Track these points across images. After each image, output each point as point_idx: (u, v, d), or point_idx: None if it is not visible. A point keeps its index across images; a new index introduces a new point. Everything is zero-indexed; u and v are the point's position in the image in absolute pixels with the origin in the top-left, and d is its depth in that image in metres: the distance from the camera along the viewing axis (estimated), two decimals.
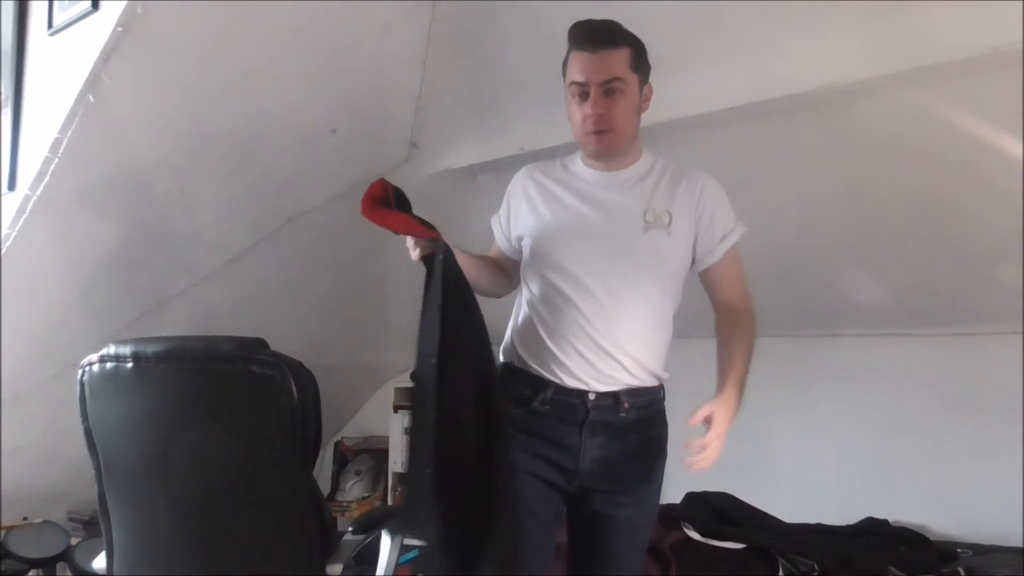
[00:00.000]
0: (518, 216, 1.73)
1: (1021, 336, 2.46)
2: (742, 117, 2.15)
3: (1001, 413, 2.51)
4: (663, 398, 1.72)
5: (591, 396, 1.62)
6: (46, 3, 2.34)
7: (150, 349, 1.59)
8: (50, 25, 2.31)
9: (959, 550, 2.40)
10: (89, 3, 2.10)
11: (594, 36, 1.60)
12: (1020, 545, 2.35)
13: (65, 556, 2.73)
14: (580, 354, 1.61)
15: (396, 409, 3.74)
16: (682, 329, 3.19)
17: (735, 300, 1.76)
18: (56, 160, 2.16)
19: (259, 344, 1.54)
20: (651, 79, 1.73)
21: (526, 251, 1.72)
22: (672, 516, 2.46)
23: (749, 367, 1.68)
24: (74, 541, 2.79)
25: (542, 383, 1.62)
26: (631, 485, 1.67)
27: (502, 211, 1.80)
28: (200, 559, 1.63)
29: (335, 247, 2.99)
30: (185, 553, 1.64)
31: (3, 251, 2.31)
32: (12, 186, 2.37)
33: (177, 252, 2.65)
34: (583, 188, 1.68)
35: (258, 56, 2.19)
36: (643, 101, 1.67)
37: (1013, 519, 2.39)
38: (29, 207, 2.25)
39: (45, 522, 2.83)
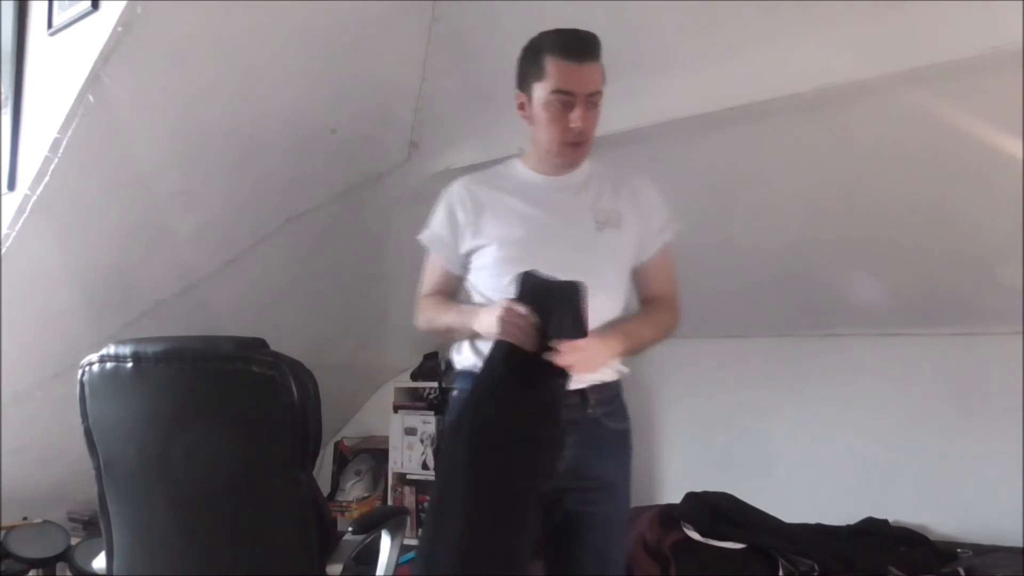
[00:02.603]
0: (475, 228, 1.68)
1: (1021, 336, 2.46)
2: (742, 117, 2.15)
3: (1001, 413, 2.51)
4: (623, 391, 1.72)
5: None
6: (46, 3, 2.34)
7: (150, 349, 1.59)
8: (50, 25, 2.31)
9: (959, 550, 2.40)
10: (89, 3, 2.10)
11: (582, 47, 1.61)
12: (1020, 545, 2.36)
13: (65, 556, 2.73)
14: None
15: (396, 409, 3.74)
16: (682, 329, 3.19)
17: (665, 296, 1.75)
18: (56, 160, 2.16)
19: (259, 344, 1.54)
20: (651, 79, 1.74)
21: (485, 260, 1.68)
22: (672, 516, 2.46)
23: (647, 342, 1.68)
24: (74, 541, 2.79)
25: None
26: (604, 481, 1.67)
27: (442, 228, 1.73)
28: (200, 559, 1.63)
29: (335, 247, 2.99)
30: (185, 553, 1.64)
31: (3, 251, 2.31)
32: (12, 186, 2.37)
33: (177, 252, 2.64)
34: (535, 194, 1.69)
35: (258, 56, 2.19)
36: None
37: (1013, 519, 2.39)
38: (29, 207, 2.25)
39: (45, 522, 2.82)
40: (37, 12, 2.42)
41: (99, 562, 1.80)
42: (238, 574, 1.58)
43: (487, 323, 1.55)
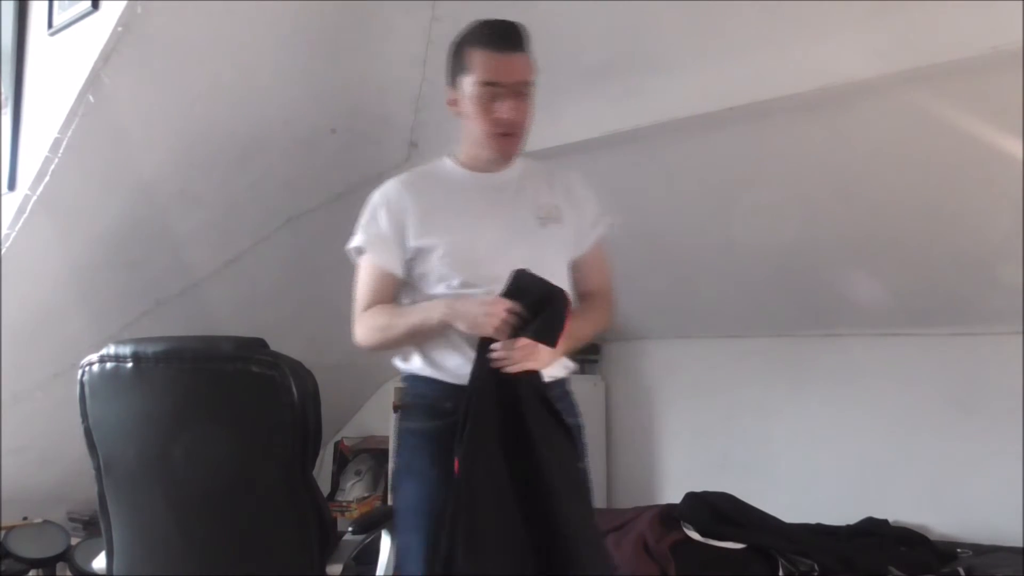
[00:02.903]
0: (419, 228, 1.62)
1: (1021, 336, 2.46)
2: (742, 117, 2.15)
3: (1001, 413, 2.51)
4: (570, 386, 1.72)
5: None
6: (46, 3, 2.34)
7: (150, 349, 1.59)
8: (50, 25, 2.32)
9: (959, 550, 2.40)
10: (89, 3, 2.11)
11: (508, 38, 1.58)
12: (1020, 545, 2.35)
13: (65, 556, 2.73)
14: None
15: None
16: (682, 329, 3.20)
17: (602, 290, 1.75)
18: (56, 160, 2.16)
19: (259, 344, 1.54)
20: (651, 79, 1.74)
21: (431, 262, 1.61)
22: (672, 516, 2.46)
23: (584, 340, 1.68)
24: (74, 541, 2.79)
25: (464, 391, 1.55)
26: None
27: (381, 231, 1.64)
28: (200, 559, 1.63)
29: (335, 247, 2.97)
30: (185, 553, 1.64)
31: (3, 251, 2.32)
32: (12, 186, 2.37)
33: (177, 252, 2.65)
34: (477, 192, 1.66)
35: (258, 56, 2.19)
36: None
37: (1013, 519, 2.39)
38: (29, 207, 2.25)
39: (45, 522, 2.83)
40: (37, 12, 2.42)
41: (99, 562, 1.80)
42: (238, 574, 1.58)
43: (471, 316, 1.49)
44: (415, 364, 1.64)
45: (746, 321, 3.01)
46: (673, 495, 2.71)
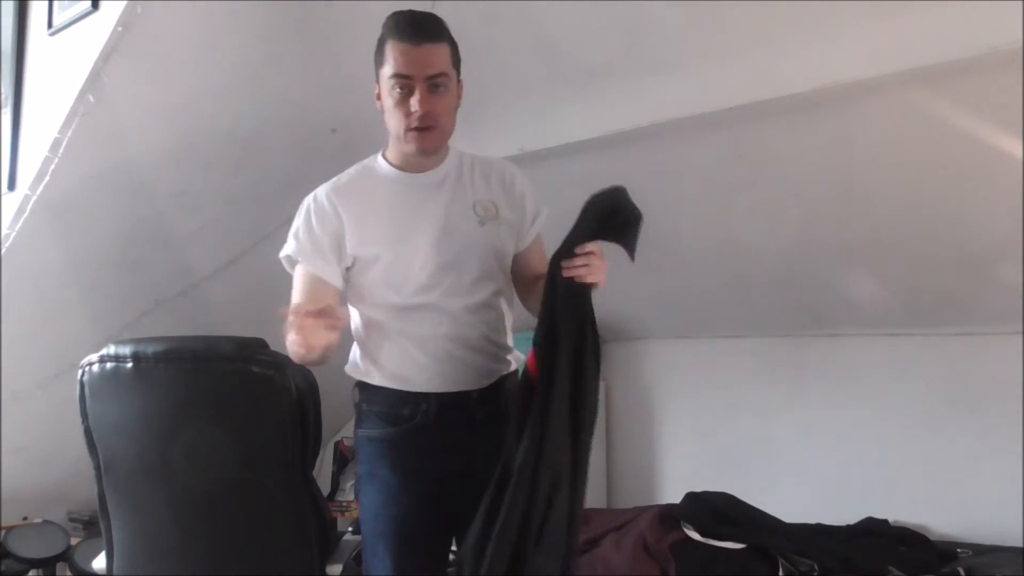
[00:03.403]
0: (359, 236, 1.57)
1: (1021, 336, 2.46)
2: (742, 117, 2.15)
3: (1001, 413, 2.51)
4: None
5: (475, 395, 1.59)
6: (46, 3, 2.34)
7: (150, 349, 1.59)
8: (50, 25, 2.31)
9: (959, 550, 2.40)
10: (89, 3, 2.11)
11: (418, 28, 1.53)
12: (1020, 545, 2.35)
13: (65, 556, 2.73)
14: (459, 359, 1.58)
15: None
16: (682, 329, 3.20)
17: (543, 272, 1.69)
18: (56, 160, 2.16)
19: (259, 344, 1.54)
20: (651, 79, 1.73)
21: (374, 269, 1.57)
22: (672, 516, 2.46)
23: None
24: (74, 541, 2.79)
25: (421, 397, 1.56)
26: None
27: (317, 239, 1.58)
28: (200, 559, 1.63)
29: None
30: (185, 553, 1.64)
31: (3, 251, 2.32)
32: (12, 186, 2.37)
33: (177, 252, 2.64)
34: (409, 193, 1.62)
35: (258, 56, 2.19)
36: (458, 98, 1.64)
37: (1013, 519, 2.39)
38: (29, 207, 2.25)
39: (45, 522, 2.83)
40: (37, 12, 2.42)
41: (99, 562, 1.80)
42: (238, 574, 1.58)
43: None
44: (369, 374, 1.60)
45: (746, 321, 3.01)
46: (673, 495, 2.71)
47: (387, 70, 1.53)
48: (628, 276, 3.14)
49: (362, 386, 1.61)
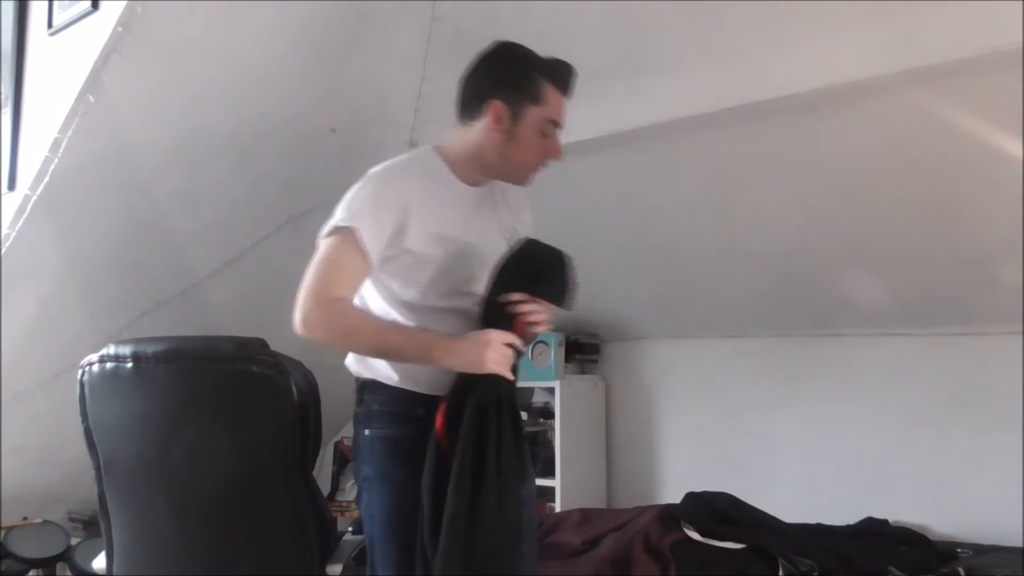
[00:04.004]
0: (420, 236, 1.54)
1: (1021, 336, 2.46)
2: (742, 117, 2.15)
3: (1001, 413, 2.51)
4: None
5: None
6: (46, 3, 2.34)
7: (150, 349, 1.59)
8: (50, 25, 2.32)
9: (959, 550, 2.40)
10: (89, 3, 2.11)
11: (573, 83, 1.61)
12: (1020, 545, 2.35)
13: (65, 556, 2.73)
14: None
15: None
16: (682, 329, 3.20)
17: None
18: (56, 160, 2.16)
19: (259, 344, 1.54)
20: (651, 79, 1.73)
21: (410, 268, 1.55)
22: (672, 516, 2.46)
23: None
24: (74, 541, 2.79)
25: (436, 399, 1.53)
26: None
27: (378, 217, 1.52)
28: (200, 559, 1.63)
29: None
30: (185, 553, 1.64)
31: (3, 251, 2.32)
32: (12, 186, 2.37)
33: (177, 252, 2.65)
34: (464, 205, 1.62)
35: (258, 56, 2.19)
36: None
37: (1013, 519, 2.39)
38: (29, 207, 2.25)
39: (45, 522, 2.83)
40: (37, 12, 2.42)
41: (99, 562, 1.80)
42: (238, 574, 1.58)
43: (478, 361, 1.44)
44: (383, 373, 1.57)
45: (746, 321, 3.01)
46: (673, 495, 2.71)
47: (543, 111, 1.58)
48: (628, 276, 3.15)
49: (373, 385, 1.58)
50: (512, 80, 1.58)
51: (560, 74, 1.60)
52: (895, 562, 2.28)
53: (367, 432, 1.59)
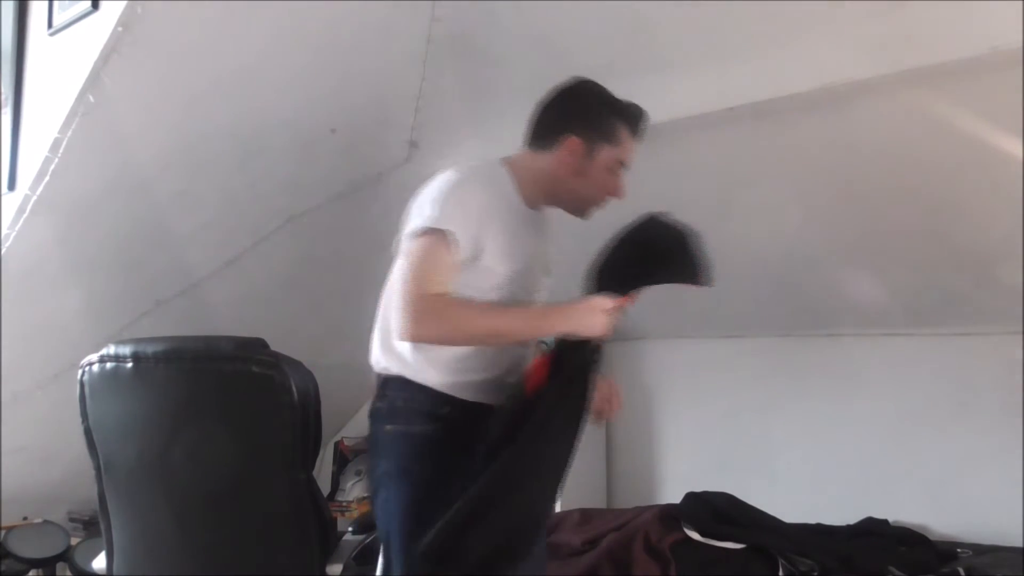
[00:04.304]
0: (496, 250, 1.57)
1: (1021, 336, 2.46)
2: (742, 117, 2.15)
3: (1001, 413, 2.51)
4: None
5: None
6: (46, 3, 2.34)
7: (150, 349, 1.59)
8: (50, 25, 2.31)
9: (959, 550, 2.40)
10: (89, 3, 2.11)
11: (645, 126, 1.72)
12: (1020, 545, 2.35)
13: (65, 556, 2.73)
14: (508, 382, 1.63)
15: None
16: (682, 329, 3.20)
17: None
18: (56, 160, 2.16)
19: (259, 344, 1.54)
20: (651, 79, 1.75)
21: (482, 283, 1.56)
22: (672, 516, 2.46)
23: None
24: (74, 541, 2.79)
25: (463, 401, 1.59)
26: None
27: (468, 226, 1.53)
28: (200, 559, 1.63)
29: (335, 247, 2.99)
30: (185, 553, 1.64)
31: (3, 251, 2.32)
32: (12, 186, 2.37)
33: (177, 252, 2.65)
34: (526, 229, 1.66)
35: (258, 56, 2.19)
36: None
37: (1013, 519, 2.39)
38: (29, 207, 2.25)
39: (45, 522, 2.83)
40: (37, 12, 2.42)
41: (99, 562, 1.80)
42: (238, 574, 1.58)
43: (590, 324, 1.53)
44: (424, 375, 1.59)
45: (746, 321, 3.01)
46: (673, 495, 2.71)
47: (615, 152, 1.66)
48: None
49: (398, 381, 1.61)
50: (591, 118, 1.66)
51: (635, 118, 1.69)
52: (895, 562, 2.28)
53: (388, 427, 1.61)
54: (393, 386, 1.62)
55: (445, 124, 2.62)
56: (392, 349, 1.62)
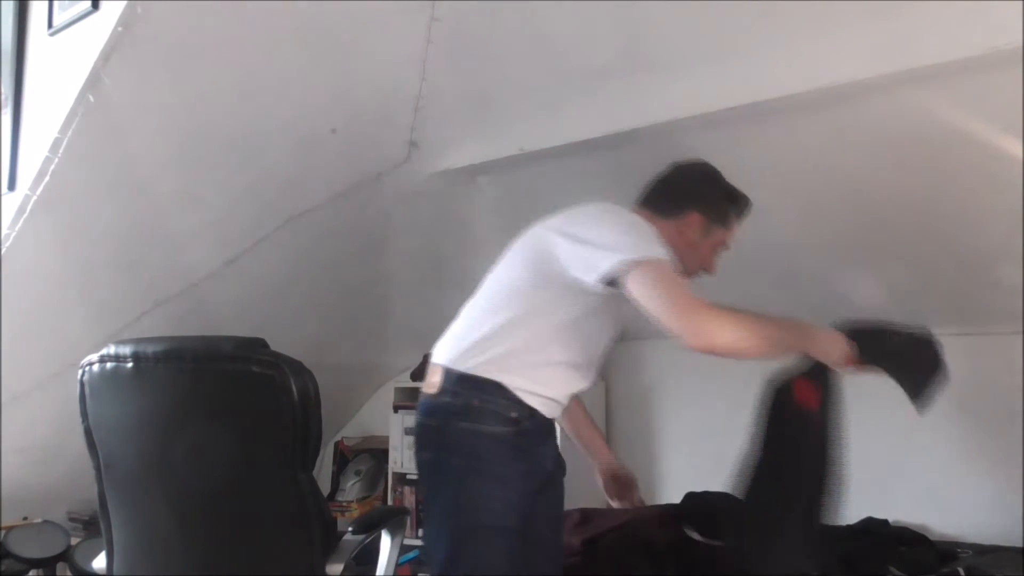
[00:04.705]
0: None
1: (1021, 336, 2.46)
2: (742, 117, 2.15)
3: (1001, 413, 2.51)
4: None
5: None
6: (46, 3, 2.34)
7: (150, 349, 1.59)
8: (50, 25, 2.31)
9: (959, 550, 2.40)
10: (89, 3, 2.11)
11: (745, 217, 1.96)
12: (1020, 545, 2.35)
13: (65, 556, 2.73)
14: (564, 408, 1.84)
15: (396, 409, 3.74)
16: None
17: None
18: (56, 160, 2.16)
19: (259, 344, 1.54)
20: (651, 79, 1.75)
21: (608, 315, 1.78)
22: (672, 516, 2.46)
23: None
24: (74, 541, 2.79)
25: (523, 407, 1.70)
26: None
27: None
28: (200, 559, 1.63)
29: (335, 247, 2.99)
30: (185, 553, 1.64)
31: (3, 251, 2.32)
32: (12, 186, 2.37)
33: (177, 252, 2.64)
34: None
35: (258, 56, 2.19)
36: None
37: (1013, 519, 2.39)
38: (29, 207, 2.25)
39: (45, 522, 2.83)
40: (37, 12, 2.42)
41: (99, 562, 1.80)
42: (238, 574, 1.58)
43: (838, 354, 1.85)
44: (521, 385, 1.68)
45: None
46: (673, 495, 2.71)
47: (724, 235, 1.94)
48: None
49: (495, 386, 1.67)
50: (715, 202, 1.91)
51: (745, 208, 1.95)
52: (895, 562, 2.28)
53: (463, 425, 1.68)
54: (466, 384, 1.69)
55: (445, 124, 2.62)
56: (481, 350, 1.70)
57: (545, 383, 1.72)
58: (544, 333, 1.70)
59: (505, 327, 1.70)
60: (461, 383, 1.69)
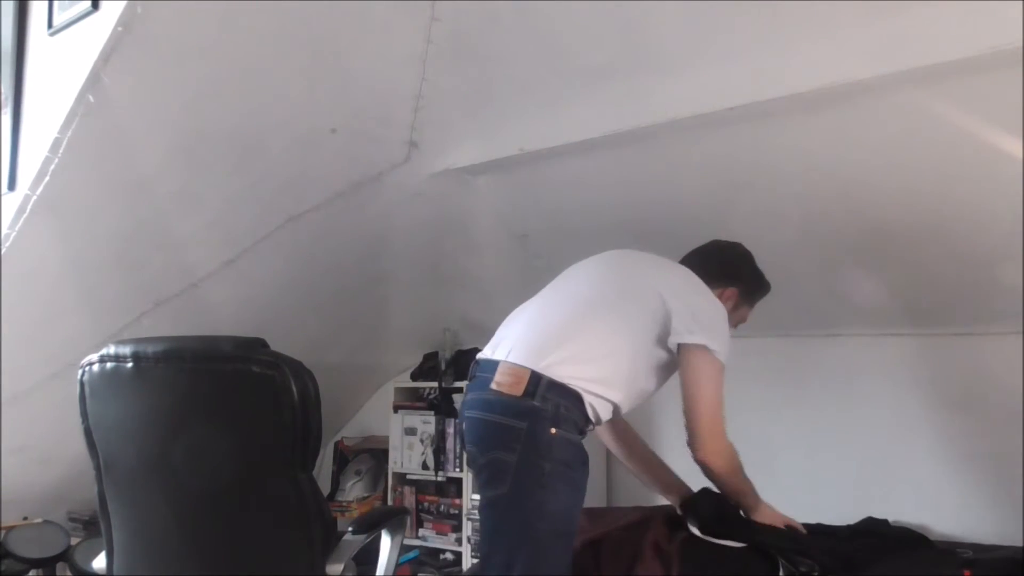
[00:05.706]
0: None
1: (1021, 336, 2.46)
2: (742, 117, 2.15)
3: (1001, 413, 2.51)
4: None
5: None
6: (46, 3, 2.34)
7: (150, 349, 1.59)
8: (50, 25, 2.31)
9: (959, 550, 2.40)
10: (89, 3, 2.11)
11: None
12: (1020, 545, 2.36)
13: (65, 556, 2.73)
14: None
15: (396, 409, 3.74)
16: None
17: None
18: (56, 160, 2.16)
19: (259, 344, 1.54)
20: (650, 78, 1.74)
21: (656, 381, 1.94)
22: (676, 515, 2.45)
23: None
24: (74, 541, 2.79)
25: (588, 423, 1.84)
26: None
27: None
28: (200, 559, 1.63)
29: (335, 247, 2.99)
30: (185, 553, 1.64)
31: (3, 251, 2.32)
32: (12, 186, 2.37)
33: (177, 252, 2.65)
34: None
35: (258, 56, 2.19)
36: None
37: (1013, 519, 2.39)
38: (29, 207, 2.25)
39: (45, 522, 2.83)
40: (37, 12, 2.42)
41: (99, 562, 1.80)
42: (238, 574, 1.58)
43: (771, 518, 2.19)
44: (608, 399, 1.81)
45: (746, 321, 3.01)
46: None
47: (747, 313, 2.21)
48: None
49: (576, 397, 1.76)
50: (751, 284, 2.15)
51: (766, 294, 2.19)
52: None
53: (554, 431, 1.73)
54: (556, 391, 1.74)
55: (445, 124, 2.62)
56: (575, 362, 1.78)
57: (603, 409, 1.82)
58: (626, 367, 1.84)
59: (597, 347, 1.82)
60: (551, 389, 1.74)
